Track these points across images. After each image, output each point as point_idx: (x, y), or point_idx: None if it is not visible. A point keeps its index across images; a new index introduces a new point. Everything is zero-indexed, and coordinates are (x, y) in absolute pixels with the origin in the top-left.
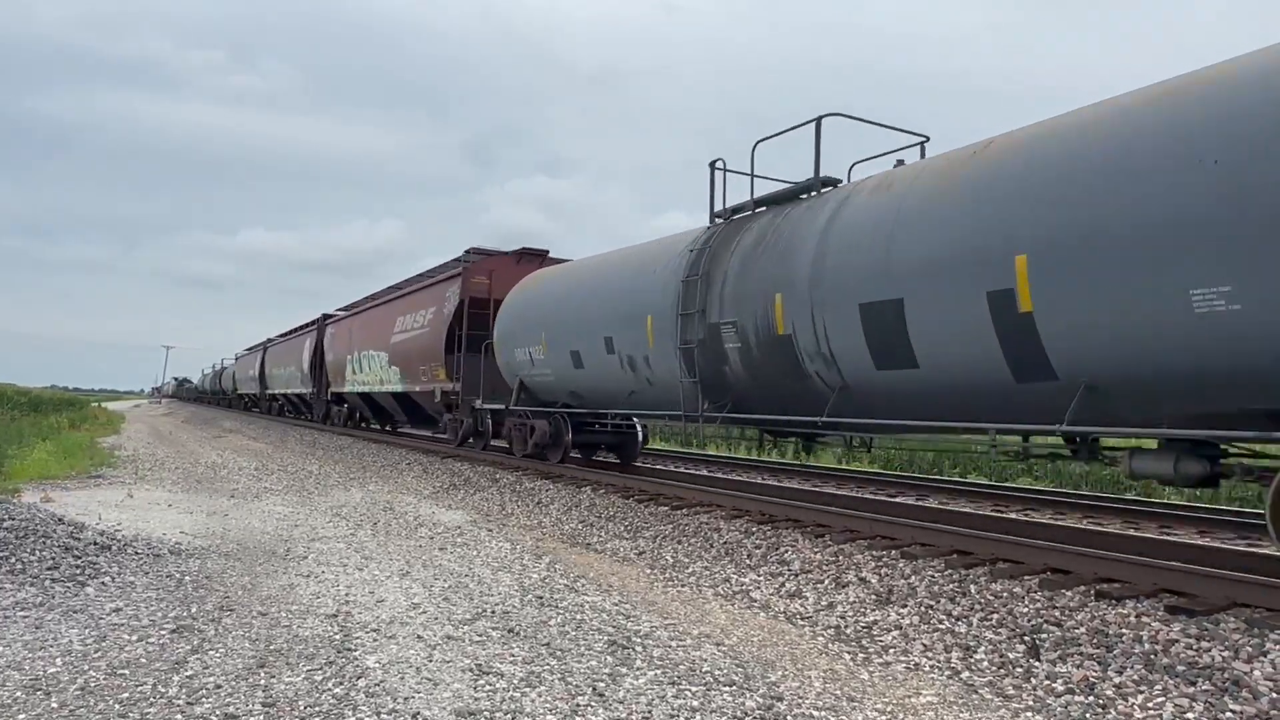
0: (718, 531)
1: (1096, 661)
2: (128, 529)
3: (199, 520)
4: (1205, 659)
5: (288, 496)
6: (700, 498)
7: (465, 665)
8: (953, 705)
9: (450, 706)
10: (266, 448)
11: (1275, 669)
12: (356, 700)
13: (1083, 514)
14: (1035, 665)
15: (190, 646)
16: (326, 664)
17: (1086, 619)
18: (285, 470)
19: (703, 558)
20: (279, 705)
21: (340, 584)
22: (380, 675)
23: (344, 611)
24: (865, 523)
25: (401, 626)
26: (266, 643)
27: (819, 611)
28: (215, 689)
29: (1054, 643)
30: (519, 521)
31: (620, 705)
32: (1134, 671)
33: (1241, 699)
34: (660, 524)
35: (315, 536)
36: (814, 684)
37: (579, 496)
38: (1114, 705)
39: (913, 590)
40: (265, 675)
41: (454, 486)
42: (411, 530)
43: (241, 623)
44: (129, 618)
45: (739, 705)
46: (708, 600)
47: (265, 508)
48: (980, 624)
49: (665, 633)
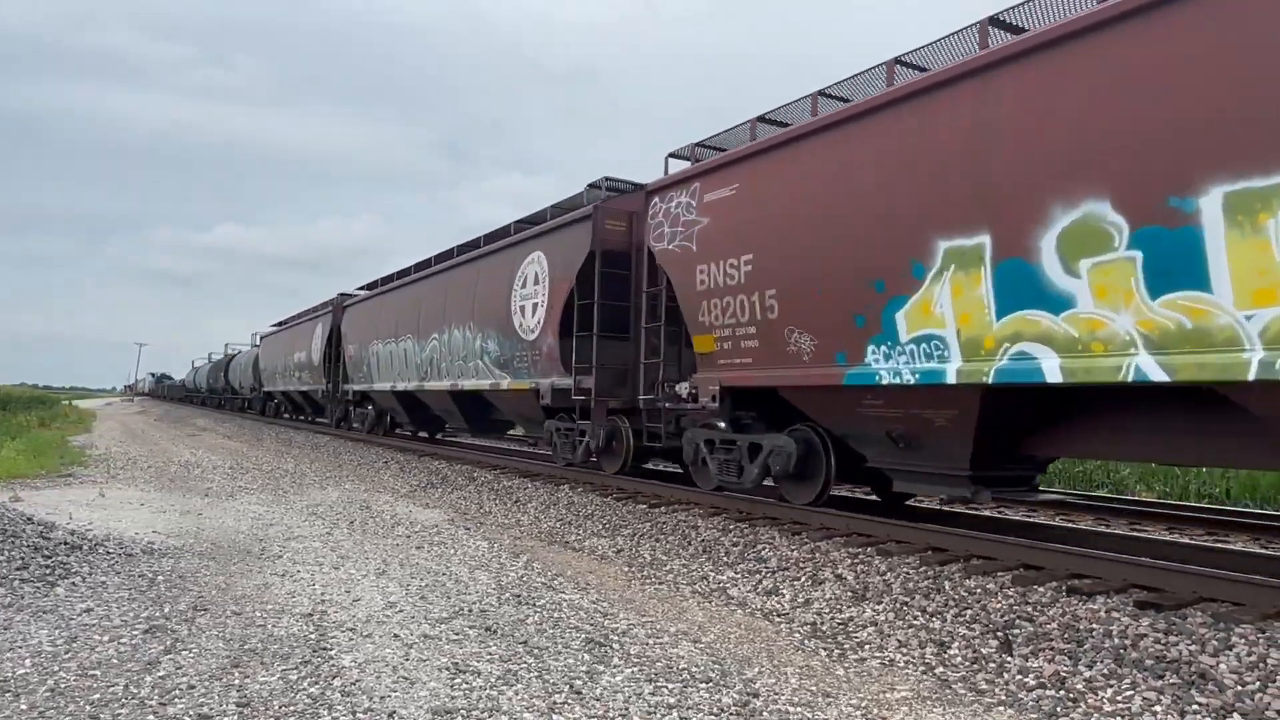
0: (695, 529)
1: (1068, 656)
2: (99, 528)
3: (172, 519)
4: (1173, 653)
5: (263, 495)
6: (678, 495)
7: (442, 664)
8: (927, 700)
9: (427, 705)
10: (242, 446)
11: (1240, 662)
12: (332, 700)
13: (1055, 510)
14: (1008, 660)
15: (163, 647)
16: (302, 663)
17: (1058, 614)
18: (260, 469)
19: (680, 555)
20: (253, 705)
21: (316, 583)
22: (356, 674)
23: (320, 611)
24: (841, 520)
25: (378, 625)
26: (241, 642)
27: (795, 608)
28: (189, 689)
29: (1026, 638)
30: (497, 520)
31: (597, 703)
32: (1104, 666)
33: (1208, 692)
34: (638, 522)
35: (291, 535)
36: (790, 680)
37: (557, 495)
38: (1084, 699)
39: (888, 587)
40: (240, 675)
41: (431, 485)
42: (388, 529)
43: (215, 622)
44: (100, 618)
45: (715, 702)
46: (685, 598)
47: (240, 507)
48: (954, 620)
49: (643, 630)
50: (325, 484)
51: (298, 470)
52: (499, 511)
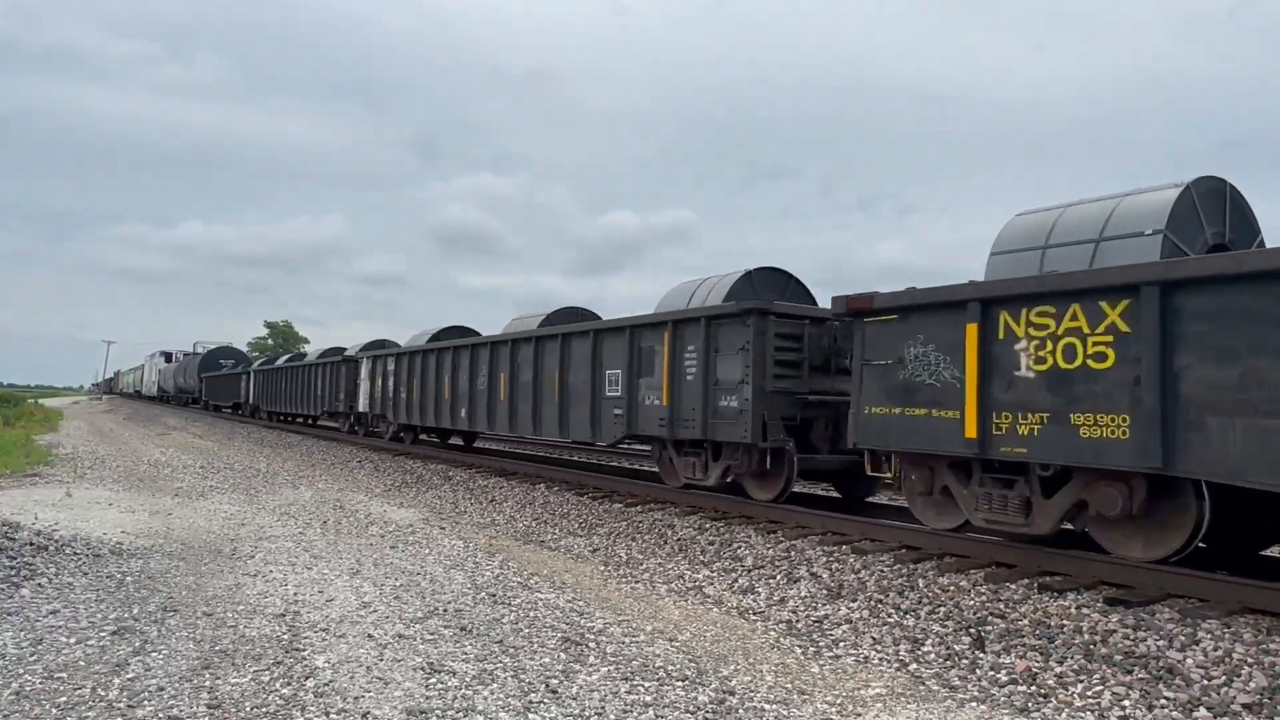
0: (671, 528)
1: (1039, 652)
2: (66, 529)
3: (141, 519)
4: (1141, 648)
5: (234, 495)
6: (654, 494)
7: (417, 664)
8: (901, 697)
9: (401, 705)
10: (212, 445)
11: (1207, 657)
12: (305, 700)
13: None
14: (980, 657)
15: (132, 648)
16: (274, 664)
17: (1030, 611)
18: (232, 468)
19: (656, 554)
20: (225, 707)
21: (289, 583)
22: (330, 675)
23: (292, 611)
24: (817, 519)
25: (351, 626)
26: (212, 643)
27: (771, 606)
28: (158, 691)
29: (998, 634)
30: (472, 519)
31: (574, 701)
32: (1074, 661)
33: (1175, 686)
34: (614, 521)
35: (263, 535)
36: (765, 678)
37: (533, 494)
38: (1055, 694)
39: (863, 585)
40: (210, 676)
41: (406, 484)
42: (362, 528)
43: (186, 623)
44: (67, 620)
45: (691, 700)
46: (661, 596)
47: (211, 506)
48: (928, 617)
49: (619, 629)
50: (298, 483)
51: (270, 469)
52: (474, 511)
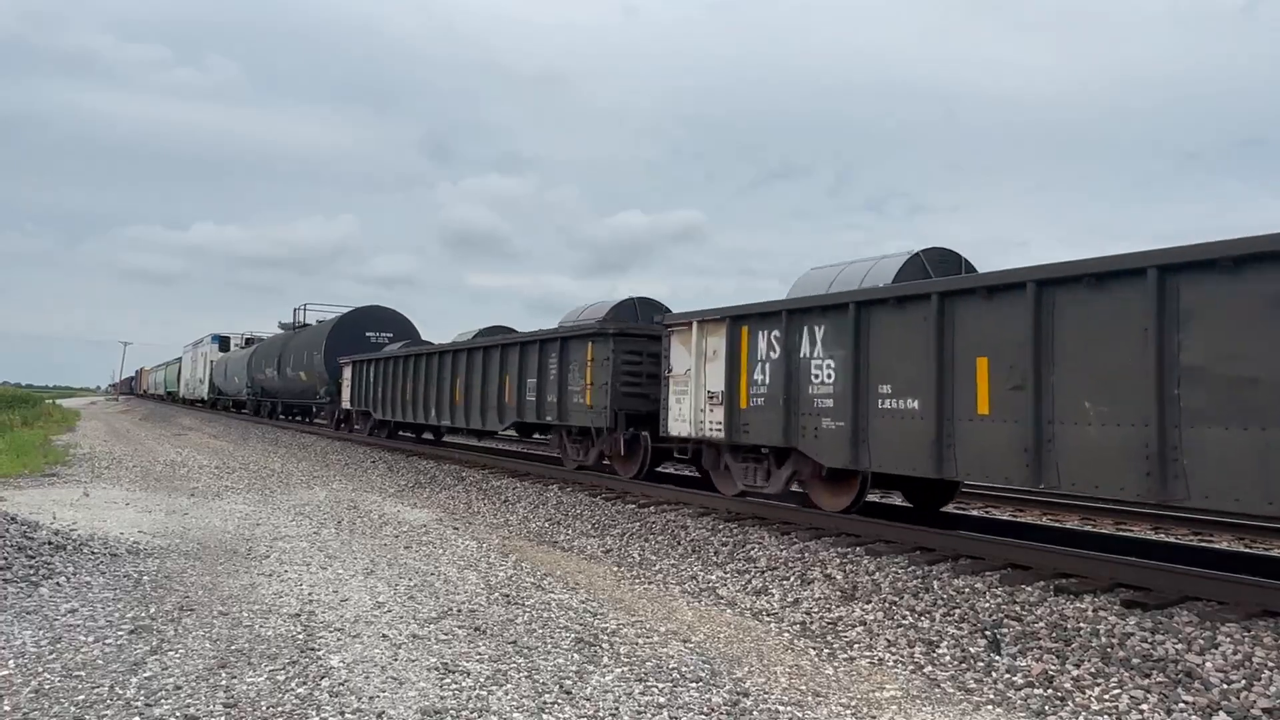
0: (685, 529)
1: (1055, 655)
2: (84, 528)
3: (158, 519)
4: (1159, 651)
5: (249, 495)
6: (667, 495)
7: (431, 664)
8: (916, 700)
9: (416, 705)
10: (228, 445)
11: (1226, 661)
12: (320, 700)
13: (1041, 510)
14: (996, 659)
15: (149, 647)
16: (290, 664)
17: (1046, 613)
18: (247, 468)
19: (670, 555)
20: (241, 706)
21: (304, 583)
22: (345, 675)
23: (307, 611)
24: (830, 520)
25: (366, 625)
26: (228, 643)
27: (785, 608)
28: (175, 690)
29: (1014, 637)
30: (485, 520)
31: (587, 702)
32: (1091, 665)
33: (1194, 690)
34: (627, 521)
35: (278, 535)
36: (780, 680)
37: (546, 494)
38: (1072, 698)
39: (877, 586)
40: (226, 676)
41: (419, 484)
42: (376, 529)
43: (202, 623)
44: (85, 618)
45: (705, 701)
46: (675, 598)
47: (226, 506)
48: (943, 619)
49: (632, 630)
50: (312, 484)
51: (284, 470)
52: (487, 511)
